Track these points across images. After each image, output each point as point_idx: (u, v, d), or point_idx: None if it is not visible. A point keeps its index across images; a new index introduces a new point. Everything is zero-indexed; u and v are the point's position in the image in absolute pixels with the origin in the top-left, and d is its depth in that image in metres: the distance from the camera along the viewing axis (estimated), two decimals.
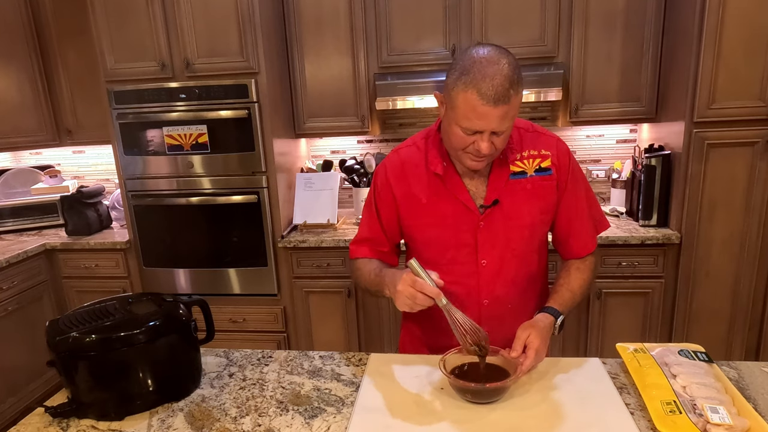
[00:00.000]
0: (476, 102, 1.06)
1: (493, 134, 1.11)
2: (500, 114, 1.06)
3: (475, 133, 1.10)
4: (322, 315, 2.71)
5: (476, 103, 1.06)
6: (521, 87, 1.09)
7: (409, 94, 2.59)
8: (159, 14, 2.48)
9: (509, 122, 1.10)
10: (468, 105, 1.07)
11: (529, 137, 1.26)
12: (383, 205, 1.31)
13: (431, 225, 1.26)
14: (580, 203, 1.28)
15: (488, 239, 1.23)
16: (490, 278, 1.26)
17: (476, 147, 1.12)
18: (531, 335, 1.11)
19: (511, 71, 1.06)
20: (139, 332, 1.09)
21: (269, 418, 1.07)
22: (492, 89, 1.04)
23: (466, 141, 1.13)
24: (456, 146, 1.15)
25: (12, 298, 2.65)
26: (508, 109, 1.07)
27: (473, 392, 1.06)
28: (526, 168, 1.24)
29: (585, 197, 1.29)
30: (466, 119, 1.09)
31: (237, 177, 2.61)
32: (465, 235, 1.24)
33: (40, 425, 1.10)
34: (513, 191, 1.23)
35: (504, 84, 1.05)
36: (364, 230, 1.37)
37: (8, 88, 2.90)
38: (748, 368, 1.17)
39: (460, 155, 1.17)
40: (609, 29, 2.49)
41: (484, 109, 1.06)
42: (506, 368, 1.10)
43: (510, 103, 1.06)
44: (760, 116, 2.20)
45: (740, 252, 2.32)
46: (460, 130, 1.12)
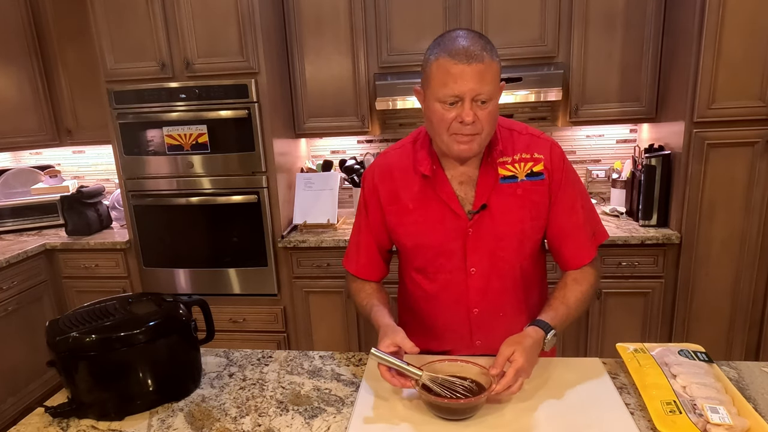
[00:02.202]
0: (448, 63, 1.03)
1: (475, 104, 1.06)
2: (476, 73, 1.02)
3: (455, 103, 1.06)
4: (322, 315, 2.71)
5: (449, 65, 1.03)
6: (495, 55, 1.06)
7: (409, 94, 2.59)
8: (159, 14, 2.48)
9: (489, 87, 1.05)
10: (441, 69, 1.05)
11: (521, 140, 1.20)
12: (371, 210, 1.28)
13: (418, 232, 1.22)
14: (574, 211, 1.21)
15: (477, 246, 1.19)
16: (480, 287, 1.21)
17: (459, 119, 1.06)
18: (515, 353, 1.03)
19: (481, 38, 1.06)
20: (139, 332, 1.09)
21: (269, 418, 1.07)
22: (463, 49, 1.03)
23: (448, 117, 1.07)
24: (439, 127, 1.10)
25: (12, 298, 2.65)
26: (484, 69, 1.03)
27: (438, 408, 1.02)
28: (517, 172, 1.18)
29: (580, 205, 1.22)
30: (441, 86, 1.05)
31: (237, 177, 2.61)
32: (453, 242, 1.20)
33: (40, 425, 1.10)
34: (502, 196, 1.18)
35: (475, 44, 1.03)
36: (354, 236, 1.35)
37: (8, 88, 2.90)
38: (748, 368, 1.17)
39: (447, 140, 1.11)
40: (609, 29, 2.49)
41: (457, 69, 1.03)
42: (485, 384, 1.05)
43: (485, 63, 1.03)
44: (760, 116, 2.20)
45: (740, 252, 2.32)
46: (439, 104, 1.08)
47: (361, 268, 1.34)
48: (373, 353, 1.07)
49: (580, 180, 1.26)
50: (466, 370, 1.09)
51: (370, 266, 1.34)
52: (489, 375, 1.05)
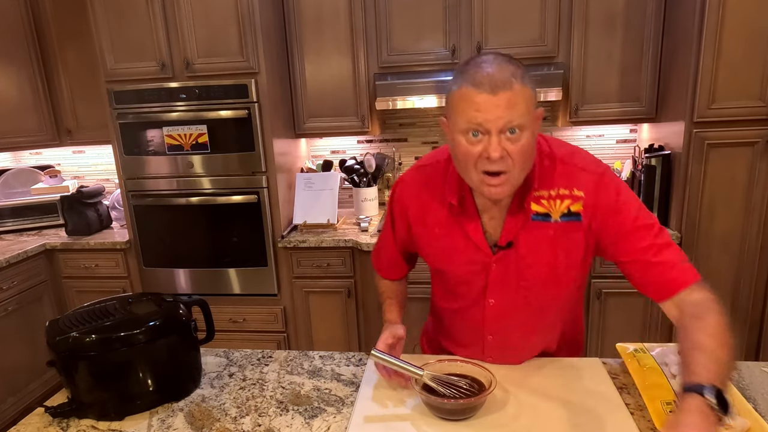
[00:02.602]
0: (472, 93, 0.93)
1: (504, 137, 0.94)
2: (502, 103, 0.91)
3: (480, 135, 0.95)
4: (322, 315, 2.71)
5: (472, 94, 0.93)
6: (528, 81, 0.95)
7: (409, 94, 2.59)
8: (159, 14, 2.48)
9: (520, 116, 0.93)
10: (463, 99, 0.94)
11: (563, 171, 1.04)
12: (398, 225, 1.24)
13: (441, 258, 1.17)
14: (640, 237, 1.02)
15: (499, 281, 1.12)
16: (496, 318, 1.16)
17: (486, 154, 0.94)
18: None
19: (512, 63, 0.95)
20: (139, 332, 1.09)
21: (269, 418, 1.07)
22: (487, 76, 0.92)
23: (473, 152, 0.96)
24: (465, 163, 0.98)
25: (12, 298, 2.65)
26: (512, 97, 0.92)
27: (438, 408, 1.02)
28: (552, 210, 1.04)
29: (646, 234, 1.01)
30: (464, 117, 0.95)
31: (237, 177, 2.61)
32: (474, 274, 1.13)
33: (40, 425, 1.10)
34: (533, 234, 1.06)
35: (501, 70, 0.93)
36: (380, 240, 1.34)
37: (8, 88, 2.90)
38: (748, 368, 1.17)
39: (475, 180, 0.99)
40: (609, 29, 2.49)
41: (481, 98, 0.92)
42: (485, 383, 1.05)
43: (513, 90, 0.91)
44: (760, 116, 2.20)
45: (740, 252, 2.32)
46: (463, 137, 0.96)
47: (383, 269, 1.37)
48: (373, 353, 1.08)
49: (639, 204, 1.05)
50: (467, 370, 1.09)
51: (390, 269, 1.36)
52: (489, 374, 1.05)
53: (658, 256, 1.00)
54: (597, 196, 1.03)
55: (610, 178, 1.04)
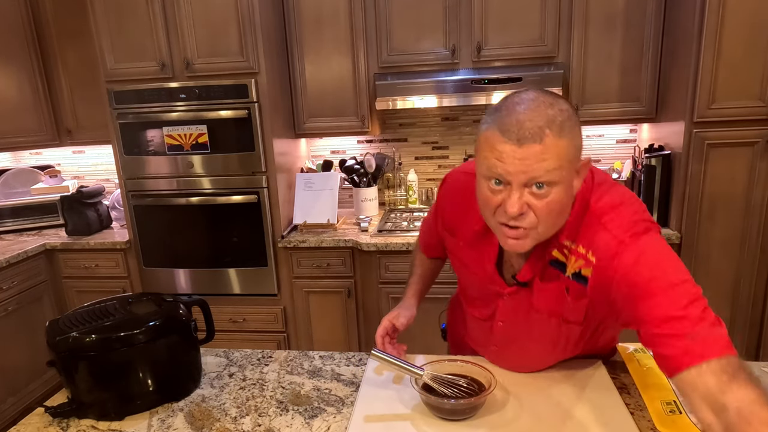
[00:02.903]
0: (497, 139, 0.84)
1: (527, 190, 0.85)
2: (529, 156, 0.82)
3: (501, 185, 0.86)
4: (322, 315, 2.71)
5: (496, 140, 0.84)
6: (568, 130, 0.83)
7: (409, 94, 2.59)
8: (159, 14, 2.48)
9: (548, 173, 0.82)
10: (488, 145, 0.86)
11: (589, 225, 0.93)
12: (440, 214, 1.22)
13: (461, 270, 1.19)
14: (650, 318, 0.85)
15: (509, 310, 1.10)
16: (504, 336, 1.15)
17: (504, 208, 0.87)
18: None
19: (553, 107, 0.84)
20: (139, 332, 1.09)
21: (269, 418, 1.07)
22: (517, 124, 0.82)
23: (493, 201, 0.88)
24: (485, 209, 0.92)
25: (12, 298, 2.65)
26: (542, 151, 0.81)
27: (438, 408, 1.02)
28: (568, 264, 0.96)
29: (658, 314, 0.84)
30: (486, 163, 0.86)
31: (237, 177, 2.61)
32: (487, 296, 1.13)
33: (40, 425, 1.10)
34: (546, 280, 1.01)
35: (536, 119, 0.82)
36: (427, 219, 1.36)
37: (8, 88, 2.90)
38: None
39: (495, 228, 0.93)
40: (609, 29, 2.49)
41: (505, 148, 0.83)
42: (485, 383, 1.05)
43: (544, 144, 0.81)
44: (760, 116, 2.20)
45: (740, 252, 2.32)
46: (485, 182, 0.89)
47: (423, 245, 1.40)
48: (373, 353, 1.08)
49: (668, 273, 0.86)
50: (467, 370, 1.09)
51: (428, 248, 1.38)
52: (489, 374, 1.05)
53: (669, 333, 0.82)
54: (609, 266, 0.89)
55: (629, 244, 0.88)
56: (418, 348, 1.31)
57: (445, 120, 3.00)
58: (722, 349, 0.79)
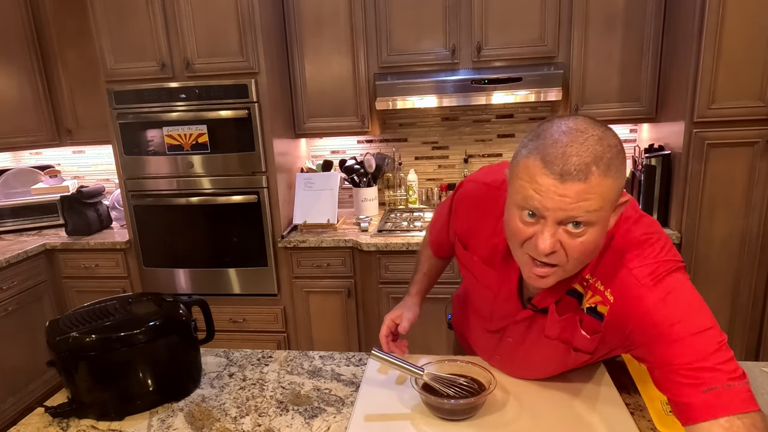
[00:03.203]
0: (537, 169, 0.78)
1: (562, 228, 0.80)
2: (570, 194, 0.76)
3: (535, 218, 0.81)
4: (322, 315, 2.71)
5: (537, 171, 0.78)
6: (614, 170, 0.78)
7: (409, 94, 2.59)
8: (159, 14, 2.48)
9: (588, 213, 0.77)
10: (527, 173, 0.80)
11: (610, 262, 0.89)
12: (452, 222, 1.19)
13: (474, 282, 1.14)
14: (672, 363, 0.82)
15: (519, 331, 1.07)
16: (509, 350, 1.13)
17: (535, 242, 0.82)
18: None
19: (601, 143, 0.77)
20: (139, 332, 1.09)
21: (269, 418, 1.07)
22: (561, 157, 0.76)
23: (524, 232, 0.83)
24: (512, 239, 0.87)
25: (12, 298, 2.65)
26: (585, 190, 0.76)
27: (438, 408, 1.02)
28: (585, 297, 0.93)
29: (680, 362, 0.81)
30: (522, 193, 0.81)
31: (237, 177, 2.61)
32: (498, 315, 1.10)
33: (40, 425, 1.10)
34: (561, 309, 0.98)
35: (582, 154, 0.76)
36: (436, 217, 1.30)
37: (8, 88, 2.90)
38: (748, 368, 1.17)
39: (520, 259, 0.88)
40: (609, 29, 2.49)
41: (545, 181, 0.77)
42: (485, 383, 1.05)
43: (588, 182, 0.76)
44: (760, 116, 2.20)
45: (740, 252, 2.32)
46: (517, 212, 0.83)
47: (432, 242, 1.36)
48: (373, 353, 1.08)
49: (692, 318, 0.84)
50: (466, 370, 1.09)
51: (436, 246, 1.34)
52: (489, 374, 1.05)
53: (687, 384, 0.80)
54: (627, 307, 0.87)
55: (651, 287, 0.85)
56: (419, 348, 1.31)
57: (445, 120, 3.00)
58: (745, 404, 0.77)
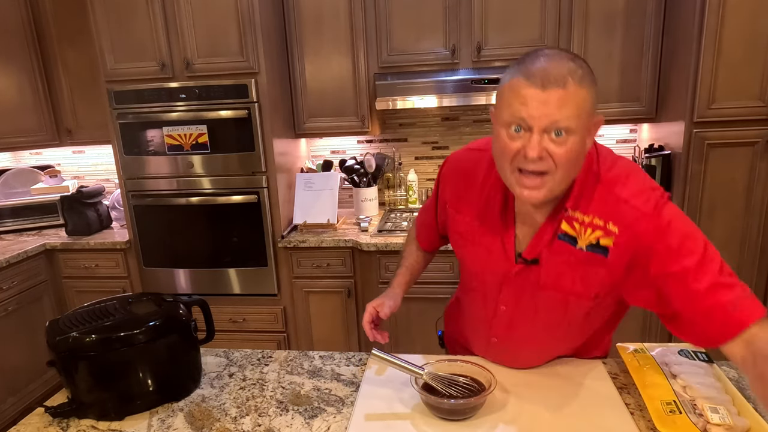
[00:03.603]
0: (521, 84, 0.87)
1: (548, 137, 0.87)
2: (551, 100, 0.85)
3: (521, 131, 0.89)
4: (322, 315, 2.71)
5: (521, 86, 0.87)
6: (587, 83, 0.88)
7: (409, 94, 2.59)
8: (159, 14, 2.48)
9: (570, 117, 0.85)
10: (511, 90, 0.89)
11: (602, 197, 0.95)
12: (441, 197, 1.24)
13: (465, 248, 1.16)
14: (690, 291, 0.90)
15: (514, 291, 1.09)
16: (504, 324, 1.14)
17: (524, 152, 0.88)
18: None
19: (574, 61, 0.88)
20: (139, 332, 1.09)
21: (269, 418, 1.07)
22: (541, 70, 0.86)
23: (511, 147, 0.90)
24: (501, 159, 0.93)
25: (12, 298, 2.65)
26: (564, 96, 0.85)
27: (438, 408, 1.02)
28: (580, 237, 0.97)
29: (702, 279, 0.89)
30: (509, 109, 0.89)
31: (237, 177, 2.61)
32: (492, 276, 1.11)
33: (40, 425, 1.10)
34: (555, 255, 1.00)
35: (558, 67, 0.86)
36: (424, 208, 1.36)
37: (8, 88, 2.90)
38: None
39: (510, 178, 0.94)
40: (609, 29, 2.49)
41: (529, 92, 0.86)
42: (485, 383, 1.05)
43: (566, 89, 0.85)
44: (760, 116, 2.20)
45: (740, 252, 2.32)
46: (504, 130, 0.91)
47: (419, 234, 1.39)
48: (373, 353, 1.08)
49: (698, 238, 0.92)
50: (466, 370, 1.09)
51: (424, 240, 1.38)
52: (489, 374, 1.05)
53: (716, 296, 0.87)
54: (635, 233, 0.92)
55: (653, 213, 0.92)
56: (418, 349, 1.31)
57: (445, 120, 3.00)
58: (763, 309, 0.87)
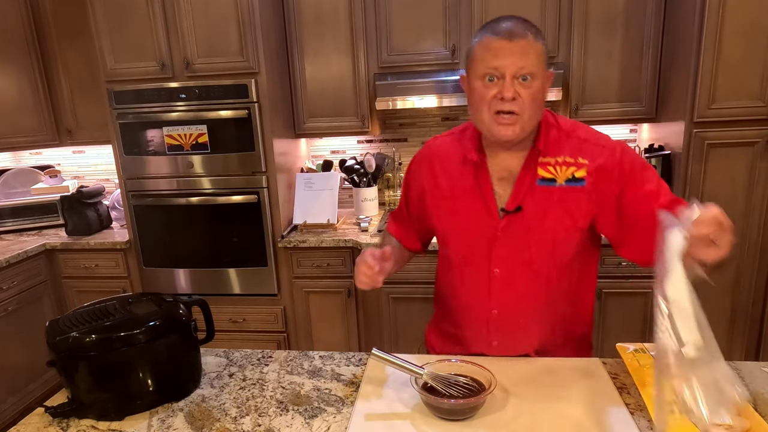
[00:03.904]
0: (490, 40, 1.06)
1: (517, 81, 1.04)
2: (517, 50, 1.03)
3: (495, 79, 1.05)
4: (322, 315, 2.71)
5: (490, 41, 1.05)
6: (541, 39, 1.07)
7: (409, 94, 2.59)
8: (159, 14, 2.48)
9: (532, 64, 1.03)
10: (483, 47, 1.07)
11: (569, 144, 1.13)
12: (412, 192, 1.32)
13: (450, 218, 1.22)
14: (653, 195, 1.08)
15: (504, 248, 1.15)
16: (502, 288, 1.18)
17: (499, 95, 1.04)
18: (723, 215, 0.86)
19: (528, 22, 1.07)
20: (139, 332, 1.09)
21: (269, 418, 1.07)
22: (506, 27, 1.05)
23: (488, 94, 1.06)
24: (479, 105, 1.08)
25: (12, 298, 2.65)
26: (526, 46, 1.03)
27: (438, 408, 1.02)
28: (557, 176, 1.12)
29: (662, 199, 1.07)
30: (483, 63, 1.06)
31: (237, 177, 2.61)
32: (480, 238, 1.17)
33: (40, 425, 1.10)
34: (538, 199, 1.12)
35: (518, 26, 1.05)
36: (396, 210, 1.41)
37: (8, 88, 2.90)
38: (748, 368, 1.17)
39: (488, 121, 1.08)
40: (609, 29, 2.49)
41: (498, 44, 1.04)
42: (485, 383, 1.05)
43: (528, 40, 1.03)
44: (760, 116, 2.20)
45: (740, 252, 2.32)
46: (480, 82, 1.07)
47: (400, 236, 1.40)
48: (373, 353, 1.08)
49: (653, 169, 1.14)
50: (466, 370, 1.09)
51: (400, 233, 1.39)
52: (489, 374, 1.05)
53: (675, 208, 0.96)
54: (601, 161, 1.11)
55: (611, 145, 1.13)
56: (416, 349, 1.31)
57: (445, 120, 3.00)
58: None
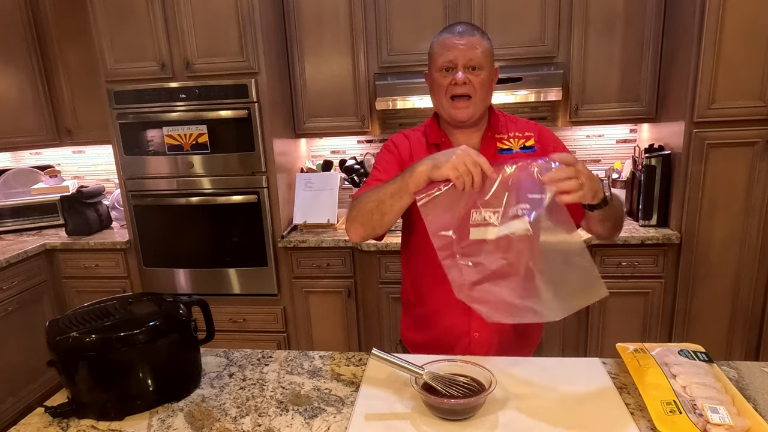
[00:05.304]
0: (446, 38, 1.27)
1: (468, 71, 1.25)
2: (467, 44, 1.24)
3: (450, 69, 1.26)
4: (322, 315, 2.71)
5: (446, 39, 1.27)
6: (487, 39, 1.29)
7: (409, 94, 2.59)
8: (159, 14, 2.48)
9: (480, 57, 1.24)
10: (440, 45, 1.28)
11: (515, 125, 1.40)
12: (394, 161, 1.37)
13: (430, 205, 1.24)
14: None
15: None
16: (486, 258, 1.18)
17: (453, 81, 1.25)
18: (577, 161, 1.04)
19: (477, 28, 1.30)
20: (139, 332, 1.09)
21: (269, 418, 1.07)
22: (457, 28, 1.28)
23: (445, 82, 1.27)
24: (438, 93, 1.28)
25: (12, 298, 2.65)
26: (474, 41, 1.25)
27: (438, 408, 1.02)
28: (512, 146, 1.35)
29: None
30: (440, 57, 1.27)
31: (237, 177, 2.61)
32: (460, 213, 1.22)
33: (40, 425, 1.10)
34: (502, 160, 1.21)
35: (468, 27, 1.28)
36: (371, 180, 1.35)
37: (8, 88, 2.90)
38: (748, 368, 1.17)
39: (446, 106, 1.28)
40: (609, 29, 2.49)
41: (452, 41, 1.26)
42: (484, 383, 1.05)
43: (475, 37, 1.25)
44: (760, 116, 2.20)
45: (740, 252, 2.32)
46: (438, 73, 1.28)
47: None
48: (373, 353, 1.08)
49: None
50: (466, 370, 1.09)
51: None
52: (489, 374, 1.05)
53: None
54: (541, 135, 1.37)
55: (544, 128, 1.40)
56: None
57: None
58: None
